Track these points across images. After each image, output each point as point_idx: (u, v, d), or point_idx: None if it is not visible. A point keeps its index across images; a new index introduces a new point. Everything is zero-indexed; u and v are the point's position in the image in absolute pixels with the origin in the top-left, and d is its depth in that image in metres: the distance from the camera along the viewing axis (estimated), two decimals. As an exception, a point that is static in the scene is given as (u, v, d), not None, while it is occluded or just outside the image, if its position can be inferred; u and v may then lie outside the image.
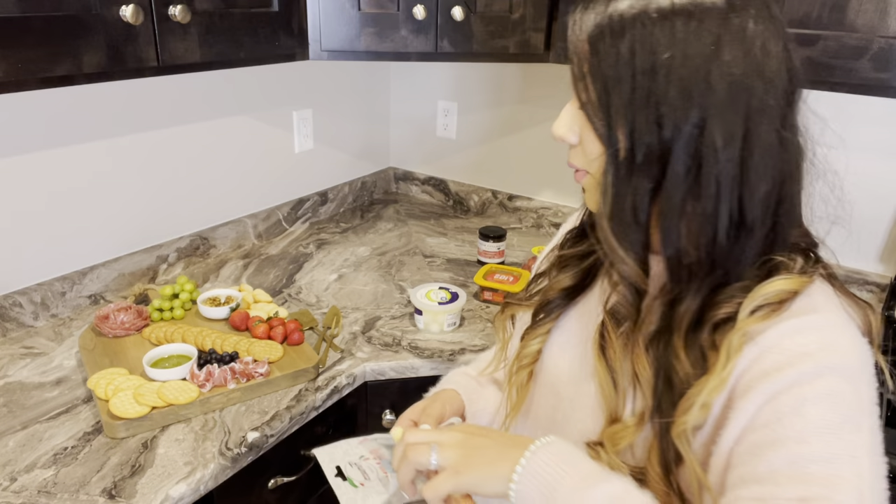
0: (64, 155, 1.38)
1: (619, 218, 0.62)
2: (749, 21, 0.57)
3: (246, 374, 1.17)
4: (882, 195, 1.57)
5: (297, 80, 1.86)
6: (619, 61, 0.58)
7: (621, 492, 0.58)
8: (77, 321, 1.42)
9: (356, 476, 0.80)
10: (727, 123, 0.57)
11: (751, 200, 0.59)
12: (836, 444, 0.54)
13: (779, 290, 0.60)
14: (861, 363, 0.58)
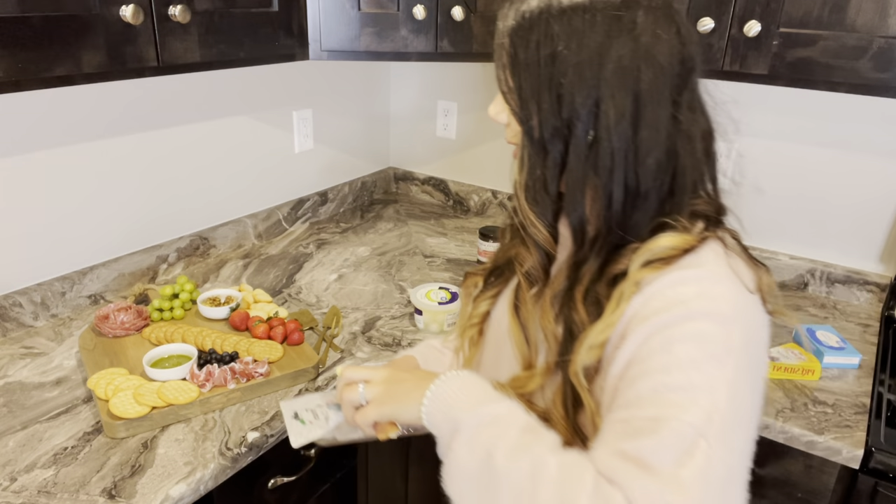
0: (64, 155, 1.38)
1: (532, 189, 0.71)
2: (639, 14, 0.65)
3: (246, 374, 1.17)
4: (882, 195, 1.57)
5: (297, 80, 1.86)
6: (527, 53, 0.67)
7: (506, 412, 0.66)
8: (77, 321, 1.42)
9: (307, 417, 0.91)
10: (618, 105, 0.65)
11: (643, 172, 0.67)
12: (696, 377, 0.60)
13: (666, 247, 0.67)
14: (735, 311, 0.63)
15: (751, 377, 0.63)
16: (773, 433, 1.18)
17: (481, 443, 0.64)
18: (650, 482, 0.57)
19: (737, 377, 0.61)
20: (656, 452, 0.58)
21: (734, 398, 0.60)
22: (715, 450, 0.58)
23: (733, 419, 0.60)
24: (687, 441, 0.58)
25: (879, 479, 1.12)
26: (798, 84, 1.29)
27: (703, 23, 1.31)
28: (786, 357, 1.32)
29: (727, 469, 0.59)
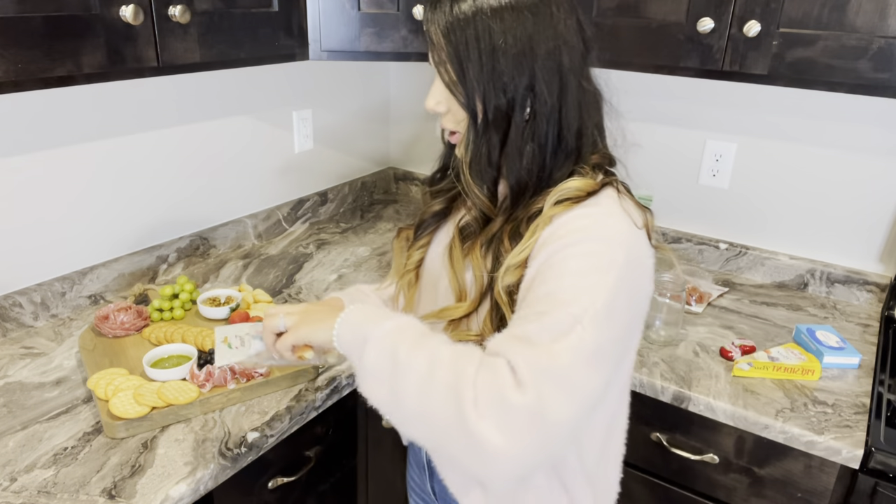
0: (64, 155, 1.38)
1: (477, 163, 0.84)
2: (552, 7, 0.79)
3: (246, 374, 1.17)
4: (882, 195, 1.57)
5: (297, 80, 1.86)
6: (468, 48, 0.78)
7: (406, 322, 0.78)
8: (77, 321, 1.42)
9: (235, 343, 1.02)
10: (549, 83, 0.79)
11: (569, 134, 0.82)
12: (582, 282, 0.73)
13: (574, 188, 0.81)
14: (621, 238, 0.77)
15: (629, 289, 0.76)
16: (773, 433, 1.18)
17: (386, 346, 0.76)
18: (529, 351, 0.70)
19: (616, 285, 0.73)
20: (538, 333, 0.71)
21: (611, 300, 0.73)
22: (588, 333, 0.71)
23: (607, 315, 0.72)
24: (564, 325, 0.71)
25: (879, 479, 1.12)
26: (798, 84, 1.29)
27: (703, 23, 1.31)
28: (786, 357, 1.32)
29: (596, 350, 0.71)
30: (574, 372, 0.70)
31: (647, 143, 1.85)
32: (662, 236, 1.88)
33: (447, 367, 0.71)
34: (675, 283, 1.39)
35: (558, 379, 0.69)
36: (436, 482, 1.06)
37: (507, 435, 0.67)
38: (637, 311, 0.81)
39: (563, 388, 0.69)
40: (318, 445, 1.28)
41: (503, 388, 0.68)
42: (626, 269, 0.75)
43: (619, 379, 0.90)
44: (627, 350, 0.85)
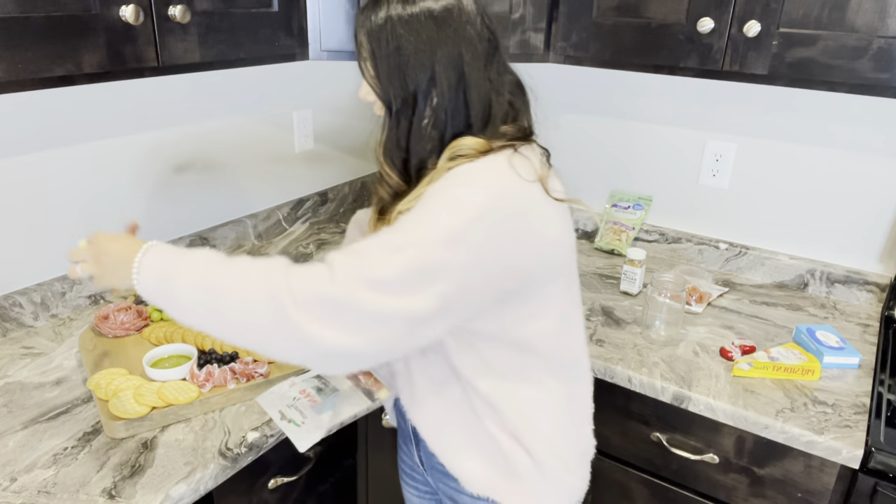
0: (64, 155, 1.38)
1: (388, 148, 0.95)
2: (455, 13, 0.90)
3: (246, 374, 1.17)
4: (882, 195, 1.57)
5: (297, 80, 1.86)
6: (380, 48, 0.90)
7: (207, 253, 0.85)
8: (77, 321, 1.42)
9: (297, 417, 1.05)
10: (448, 76, 0.90)
11: (471, 119, 0.91)
12: (429, 217, 0.82)
13: (467, 146, 0.89)
14: (488, 182, 0.84)
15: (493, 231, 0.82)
16: (773, 433, 1.18)
17: (197, 277, 0.82)
18: (353, 258, 0.79)
19: (470, 223, 0.80)
20: (369, 247, 0.80)
21: (454, 239, 0.79)
22: (418, 255, 0.78)
23: (446, 246, 0.79)
24: (397, 245, 0.79)
25: (879, 479, 1.12)
26: (798, 84, 1.29)
27: (703, 23, 1.31)
28: (786, 357, 1.32)
29: (423, 271, 0.78)
30: (392, 284, 0.77)
31: (647, 143, 1.85)
32: (662, 236, 1.88)
33: (260, 279, 0.80)
34: (675, 283, 1.39)
35: (374, 284, 0.77)
36: (422, 451, 1.09)
37: (324, 323, 0.77)
38: (516, 252, 0.85)
39: (377, 290, 0.77)
40: (318, 445, 1.27)
41: (317, 283, 0.78)
42: (490, 211, 0.82)
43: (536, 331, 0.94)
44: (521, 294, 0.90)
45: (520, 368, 0.96)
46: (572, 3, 1.47)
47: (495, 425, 0.97)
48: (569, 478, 1.02)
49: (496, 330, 0.92)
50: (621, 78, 1.84)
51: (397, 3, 0.90)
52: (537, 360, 0.96)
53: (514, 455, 0.97)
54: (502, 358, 0.95)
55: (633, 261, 1.60)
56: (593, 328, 1.47)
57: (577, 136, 1.95)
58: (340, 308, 0.77)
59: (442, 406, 1.00)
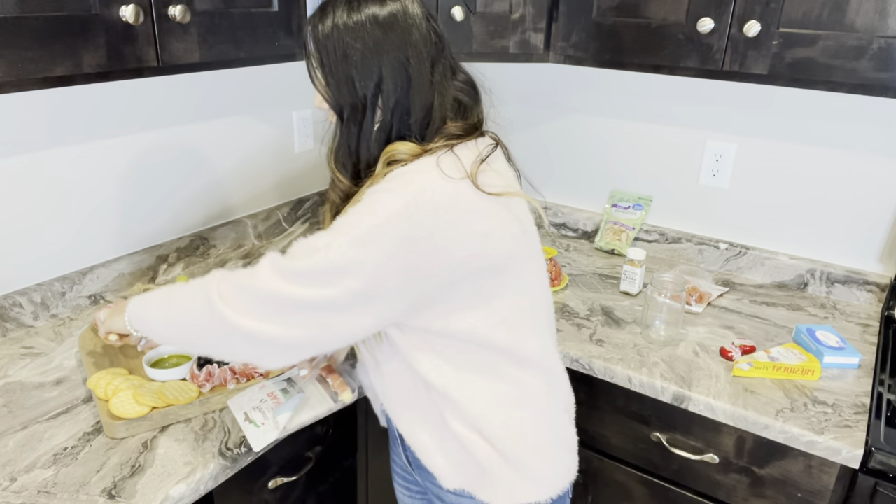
0: (64, 155, 1.38)
1: (338, 153, 0.98)
2: (400, 18, 0.91)
3: (246, 374, 1.17)
4: (882, 195, 1.57)
5: (297, 80, 1.86)
6: (328, 56, 0.92)
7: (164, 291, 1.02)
8: (77, 321, 1.42)
9: (258, 418, 1.07)
10: (394, 81, 0.91)
11: (413, 121, 0.94)
12: (351, 221, 0.87)
13: (402, 151, 0.92)
14: (409, 188, 0.86)
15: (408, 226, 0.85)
16: (773, 433, 1.18)
17: (157, 302, 1.01)
18: (279, 256, 0.90)
19: (376, 229, 0.84)
20: (295, 248, 0.89)
21: (363, 240, 0.84)
22: (332, 255, 0.85)
23: (358, 246, 0.84)
24: (314, 248, 0.87)
25: (879, 479, 1.12)
26: (798, 84, 1.29)
27: (703, 23, 1.31)
28: (786, 357, 1.32)
29: (332, 268, 0.85)
30: (304, 275, 0.86)
31: (647, 143, 1.85)
32: (662, 236, 1.88)
33: (198, 285, 0.94)
34: (675, 283, 1.39)
35: (287, 273, 0.87)
36: (408, 450, 1.10)
37: (241, 308, 0.89)
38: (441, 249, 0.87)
39: (290, 279, 0.87)
40: (318, 445, 1.28)
41: (238, 276, 0.90)
42: (410, 209, 0.85)
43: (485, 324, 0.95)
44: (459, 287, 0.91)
45: (478, 362, 0.97)
46: (572, 3, 1.47)
47: (457, 420, 0.98)
48: (545, 467, 1.02)
49: (443, 326, 0.93)
50: (621, 78, 1.84)
51: (342, 11, 0.91)
52: (495, 353, 0.97)
53: (477, 448, 0.98)
54: (458, 353, 0.96)
55: (633, 261, 1.60)
56: (593, 328, 1.47)
57: (577, 136, 1.95)
58: (254, 295, 0.88)
59: (410, 405, 1.01)
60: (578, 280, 1.72)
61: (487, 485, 1.01)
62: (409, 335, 0.96)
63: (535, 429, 1.01)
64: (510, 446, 0.99)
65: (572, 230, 2.01)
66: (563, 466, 1.05)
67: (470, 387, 0.97)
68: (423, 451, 1.03)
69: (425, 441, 1.02)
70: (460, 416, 0.98)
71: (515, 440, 0.99)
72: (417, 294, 0.88)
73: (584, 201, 2.00)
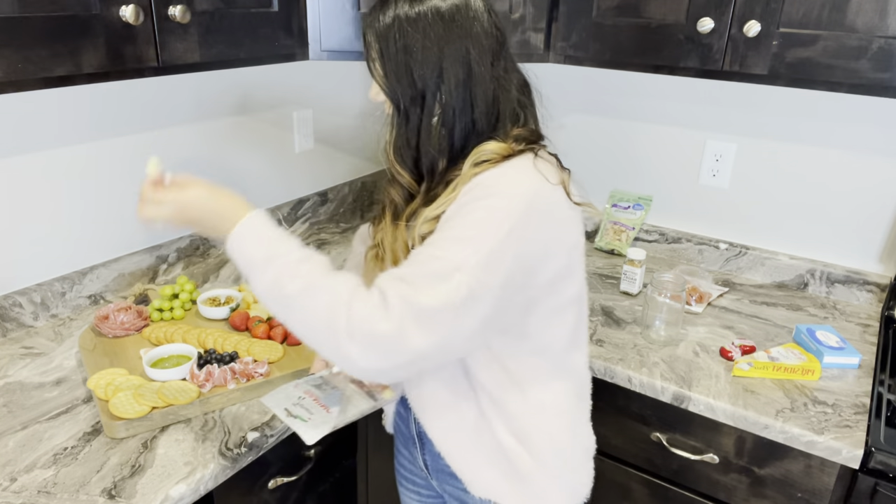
0: (64, 155, 1.38)
1: (398, 146, 0.96)
2: (463, 11, 0.91)
3: (246, 374, 1.17)
4: (882, 195, 1.57)
5: (297, 80, 1.86)
6: (388, 48, 0.91)
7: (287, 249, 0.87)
8: (77, 321, 1.42)
9: (303, 413, 1.04)
10: (455, 75, 0.90)
11: (477, 115, 0.92)
12: (472, 232, 0.82)
13: (490, 150, 0.90)
14: (522, 192, 0.84)
15: (529, 238, 0.83)
16: (773, 433, 1.18)
17: (270, 278, 0.84)
18: (404, 287, 0.80)
19: (508, 237, 0.81)
20: (419, 275, 0.81)
21: (498, 251, 0.81)
22: (465, 280, 0.79)
23: (488, 264, 0.80)
24: (444, 272, 0.80)
25: (879, 479, 1.12)
26: (798, 84, 1.29)
27: (703, 23, 1.31)
28: (786, 357, 1.32)
29: (469, 296, 0.79)
30: (440, 315, 0.79)
31: (647, 143, 1.85)
32: (662, 236, 1.88)
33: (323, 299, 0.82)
34: (675, 283, 1.39)
35: (423, 318, 0.78)
36: (427, 454, 1.09)
37: (369, 357, 0.79)
38: (550, 256, 0.87)
39: (425, 326, 0.78)
40: (319, 445, 1.27)
41: (372, 317, 0.79)
42: (526, 218, 0.83)
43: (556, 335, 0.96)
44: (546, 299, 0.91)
45: (532, 371, 0.96)
46: (572, 3, 1.47)
47: (503, 428, 0.97)
48: (573, 476, 1.02)
49: (518, 335, 0.92)
50: (621, 78, 1.84)
51: (405, 3, 0.91)
52: (549, 362, 0.97)
53: (518, 458, 0.97)
54: (517, 362, 0.95)
55: (633, 261, 1.60)
56: (593, 328, 1.47)
57: (577, 136, 1.95)
58: (390, 346, 0.79)
59: (452, 409, 0.99)
60: (578, 280, 1.72)
61: (518, 494, 0.99)
62: None
63: (569, 439, 1.01)
64: (549, 457, 0.98)
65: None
66: (587, 474, 1.06)
67: (521, 394, 0.96)
68: (453, 455, 1.01)
69: (459, 444, 1.00)
70: (508, 424, 0.97)
71: (555, 452, 0.99)
72: (520, 308, 0.88)
73: (584, 201, 2.00)
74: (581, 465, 1.04)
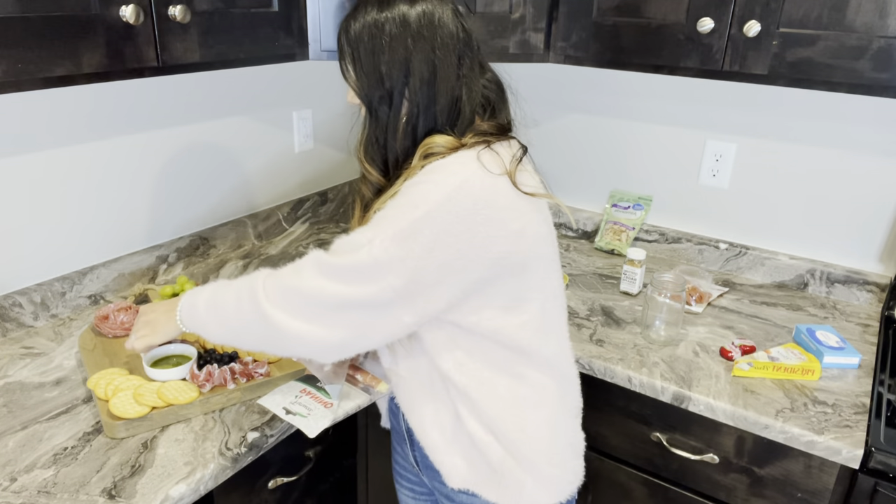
0: (64, 155, 1.38)
1: (368, 145, 1.00)
2: (431, 17, 0.94)
3: (246, 374, 1.17)
4: (882, 195, 1.57)
5: (297, 80, 1.86)
6: (359, 52, 0.96)
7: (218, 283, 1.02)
8: (77, 321, 1.42)
9: (301, 410, 1.10)
10: (421, 75, 0.94)
11: (439, 112, 0.96)
12: (392, 213, 0.88)
13: (438, 143, 0.94)
14: (452, 179, 0.88)
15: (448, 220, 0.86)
16: (773, 433, 1.18)
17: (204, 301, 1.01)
18: (322, 254, 0.91)
19: (425, 216, 0.86)
20: (338, 245, 0.91)
21: (406, 236, 0.86)
22: (375, 251, 0.86)
23: (400, 241, 0.86)
24: (359, 244, 0.88)
25: (879, 479, 1.12)
26: (798, 84, 1.29)
27: (703, 23, 1.31)
28: (786, 357, 1.32)
29: (375, 264, 0.86)
30: (344, 270, 0.88)
31: (647, 143, 1.85)
32: (662, 236, 1.88)
33: (244, 284, 0.96)
34: (675, 283, 1.39)
35: (328, 270, 0.89)
36: (416, 450, 1.10)
37: (290, 314, 0.90)
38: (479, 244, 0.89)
39: (329, 275, 0.88)
40: (318, 445, 1.28)
41: (283, 275, 0.91)
42: (447, 202, 0.86)
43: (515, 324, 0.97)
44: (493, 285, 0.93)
45: (499, 362, 0.98)
46: (572, 3, 1.47)
47: (473, 419, 0.99)
48: (553, 471, 1.02)
49: (473, 322, 0.94)
50: (621, 78, 1.84)
51: (373, 8, 0.95)
52: (517, 354, 0.98)
53: (489, 450, 0.99)
54: (482, 352, 0.97)
55: (633, 261, 1.60)
56: (593, 328, 1.47)
57: (577, 136, 1.95)
58: (299, 295, 0.90)
59: (426, 401, 1.02)
60: (578, 280, 1.72)
61: (496, 486, 1.01)
62: (436, 332, 0.97)
63: (548, 432, 1.01)
64: (523, 449, 0.99)
65: (572, 230, 2.01)
66: (572, 471, 1.06)
67: (489, 386, 0.98)
68: (432, 449, 1.03)
69: (436, 438, 1.02)
70: (477, 416, 0.98)
71: (529, 444, 0.99)
72: (455, 291, 0.90)
73: (584, 201, 2.00)
74: (564, 461, 1.04)
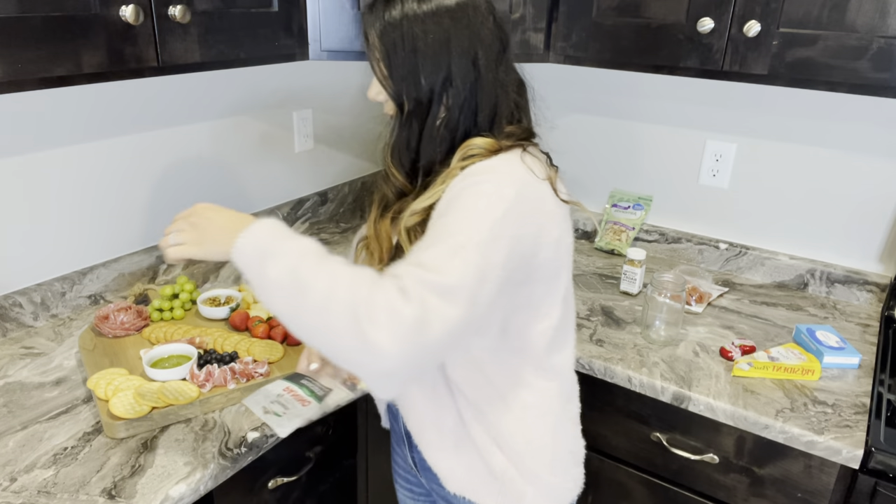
0: (64, 155, 1.38)
1: (397, 148, 0.95)
2: (470, 12, 0.89)
3: (246, 374, 1.17)
4: (882, 195, 1.57)
5: (297, 80, 1.86)
6: (395, 49, 0.89)
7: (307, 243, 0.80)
8: (77, 321, 1.42)
9: (278, 409, 1.09)
10: (463, 76, 0.89)
11: (480, 119, 0.92)
12: (468, 215, 0.81)
13: (478, 145, 0.90)
14: (512, 180, 0.85)
15: (519, 223, 0.83)
16: (773, 433, 1.18)
17: (289, 263, 0.78)
18: (419, 270, 0.77)
19: (502, 217, 0.81)
20: (429, 257, 0.78)
21: (496, 230, 0.80)
22: (470, 257, 0.78)
23: (489, 243, 0.80)
24: (451, 250, 0.78)
25: (879, 479, 1.12)
26: (798, 84, 1.29)
27: (703, 23, 1.31)
28: (786, 357, 1.32)
29: (477, 271, 0.78)
30: (457, 289, 0.77)
31: (647, 143, 1.85)
32: (662, 236, 1.88)
33: (345, 287, 0.75)
34: (675, 283, 1.39)
35: (442, 293, 0.76)
36: (415, 452, 1.09)
37: (397, 341, 0.73)
38: (540, 246, 0.87)
39: (447, 299, 0.76)
40: (318, 445, 1.28)
41: (393, 302, 0.74)
42: (516, 204, 0.83)
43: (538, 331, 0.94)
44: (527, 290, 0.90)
45: (512, 374, 0.96)
46: (572, 3, 1.47)
47: (480, 428, 0.97)
48: (554, 479, 1.01)
49: (500, 331, 0.92)
50: (621, 78, 1.84)
51: (412, 1, 0.88)
52: (530, 362, 0.96)
53: (493, 459, 0.98)
54: (496, 364, 0.95)
55: (633, 261, 1.60)
56: (593, 328, 1.47)
57: (577, 136, 1.95)
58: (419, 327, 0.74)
59: (429, 407, 1.00)
60: (578, 280, 1.72)
61: (495, 494, 1.00)
62: None
63: (551, 441, 1.00)
64: (527, 461, 0.98)
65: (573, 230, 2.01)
66: (572, 479, 1.05)
67: (498, 396, 0.96)
68: (432, 453, 1.02)
69: (437, 442, 1.01)
70: (483, 424, 0.97)
71: (533, 455, 0.99)
72: (508, 295, 0.87)
73: (584, 201, 2.00)
74: (565, 469, 1.03)
